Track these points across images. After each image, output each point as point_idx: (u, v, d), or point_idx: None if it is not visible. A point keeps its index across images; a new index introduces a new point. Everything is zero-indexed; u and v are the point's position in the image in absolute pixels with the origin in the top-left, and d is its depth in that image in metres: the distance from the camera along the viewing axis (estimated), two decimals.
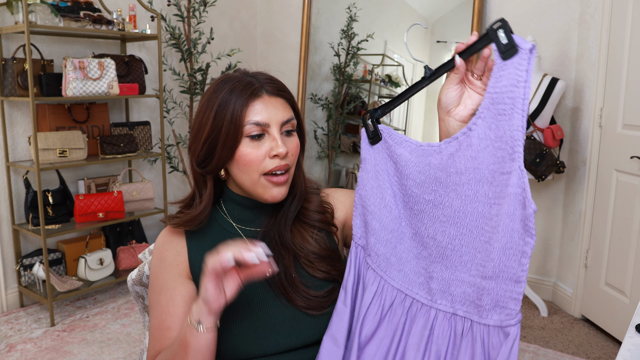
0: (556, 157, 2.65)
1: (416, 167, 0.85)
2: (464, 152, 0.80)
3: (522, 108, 0.73)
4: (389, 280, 0.89)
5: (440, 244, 0.83)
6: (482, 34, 0.79)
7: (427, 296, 0.86)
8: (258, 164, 0.92)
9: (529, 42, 0.75)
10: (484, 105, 0.78)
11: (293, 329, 0.94)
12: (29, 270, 2.74)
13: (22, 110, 2.76)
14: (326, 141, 3.74)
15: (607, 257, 2.51)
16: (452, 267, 0.82)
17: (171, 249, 0.99)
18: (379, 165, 0.91)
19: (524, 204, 0.73)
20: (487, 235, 0.78)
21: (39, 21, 2.47)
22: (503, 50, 0.76)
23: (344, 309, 0.91)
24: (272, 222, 1.00)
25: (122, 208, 2.83)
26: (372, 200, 0.91)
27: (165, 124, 3.33)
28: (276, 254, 0.97)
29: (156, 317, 0.95)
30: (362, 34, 3.55)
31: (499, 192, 0.77)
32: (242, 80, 0.94)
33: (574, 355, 2.38)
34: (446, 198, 0.82)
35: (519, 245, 0.74)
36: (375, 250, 0.90)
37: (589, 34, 2.63)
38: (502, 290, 0.76)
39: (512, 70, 0.75)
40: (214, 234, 1.00)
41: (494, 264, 0.76)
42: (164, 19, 3.09)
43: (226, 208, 1.02)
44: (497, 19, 0.77)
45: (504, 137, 0.75)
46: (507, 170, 0.75)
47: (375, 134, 0.91)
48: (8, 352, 2.35)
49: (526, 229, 0.73)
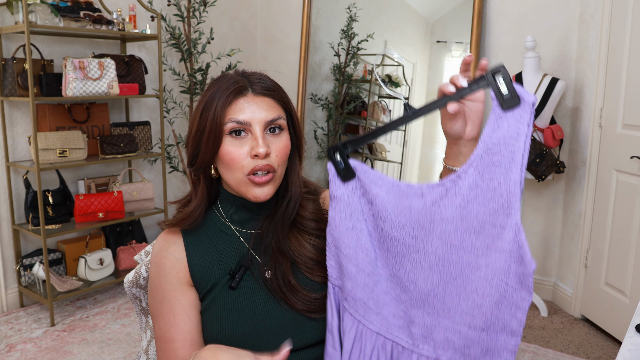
0: (556, 157, 2.65)
1: (395, 209, 0.81)
2: (451, 199, 0.76)
3: (522, 162, 0.71)
4: (367, 325, 0.85)
5: (422, 290, 0.80)
6: (477, 78, 0.75)
7: (408, 340, 0.83)
8: (240, 162, 0.90)
9: (531, 94, 0.72)
10: (476, 154, 0.74)
11: (295, 331, 0.94)
12: (29, 270, 2.74)
13: (22, 110, 2.76)
14: (326, 141, 3.74)
15: (607, 257, 2.51)
16: (434, 314, 0.79)
17: (169, 255, 0.98)
18: (352, 204, 0.85)
19: (522, 261, 0.71)
20: (473, 285, 0.75)
21: (39, 21, 2.47)
22: (503, 99, 0.72)
23: (334, 352, 0.89)
24: (268, 225, 0.98)
25: (122, 208, 2.83)
26: (347, 243, 0.85)
27: (165, 124, 3.33)
28: (274, 260, 0.96)
29: (159, 328, 0.95)
30: (362, 34, 3.55)
31: (488, 243, 0.74)
32: (232, 79, 0.93)
33: (574, 355, 2.38)
34: (429, 244, 0.78)
35: (514, 299, 0.72)
36: (352, 295, 0.86)
37: (589, 34, 2.63)
38: (494, 341, 0.74)
39: (512, 122, 0.72)
40: (212, 236, 1.00)
41: (485, 317, 0.74)
42: (164, 19, 3.09)
43: (222, 209, 1.01)
44: (496, 65, 0.73)
45: (498, 190, 0.72)
46: (500, 224, 0.73)
47: (347, 170, 0.85)
48: (8, 352, 2.35)
49: (523, 285, 0.71)
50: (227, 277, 0.95)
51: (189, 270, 0.97)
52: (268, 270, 0.96)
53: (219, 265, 0.97)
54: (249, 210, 0.99)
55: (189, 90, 3.22)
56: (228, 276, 0.95)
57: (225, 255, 0.98)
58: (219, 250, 0.98)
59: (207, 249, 0.98)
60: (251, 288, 0.95)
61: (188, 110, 3.41)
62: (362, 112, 3.67)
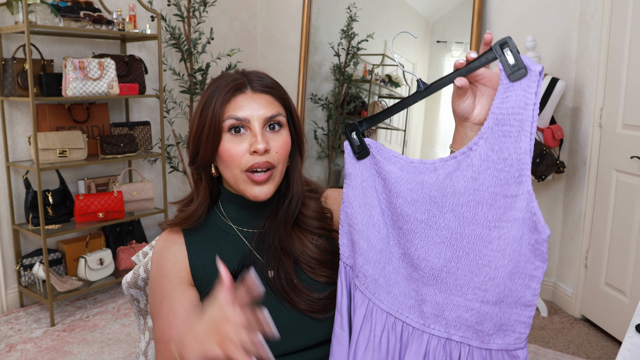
0: (556, 157, 2.65)
1: (407, 185, 0.81)
2: (463, 172, 0.77)
3: (531, 131, 0.72)
4: (378, 303, 0.85)
5: (435, 267, 0.80)
6: (486, 50, 0.76)
7: (419, 320, 0.82)
8: (238, 159, 0.90)
9: (539, 65, 0.73)
10: (487, 126, 0.75)
11: (298, 331, 0.93)
12: (29, 270, 2.74)
13: (22, 110, 2.76)
14: (326, 141, 3.74)
15: (607, 257, 2.51)
16: (447, 291, 0.79)
17: (170, 255, 0.97)
18: (366, 181, 0.86)
19: (535, 229, 0.71)
20: (485, 259, 0.76)
21: (39, 21, 2.47)
22: (510, 71, 0.73)
23: (342, 333, 0.89)
24: (270, 225, 0.98)
25: (122, 208, 2.83)
26: (360, 219, 0.86)
27: (165, 124, 3.33)
28: (277, 259, 0.95)
29: (158, 328, 0.94)
30: (362, 34, 3.55)
31: (500, 214, 0.74)
32: (231, 77, 0.93)
33: (574, 355, 2.38)
34: (441, 219, 0.79)
35: (527, 269, 0.73)
36: (363, 271, 0.86)
37: (589, 34, 2.63)
38: (508, 315, 0.74)
39: (520, 92, 0.73)
40: (213, 236, 0.99)
41: (498, 289, 0.74)
42: (164, 19, 3.09)
43: (224, 209, 1.00)
44: (503, 37, 0.74)
45: (509, 160, 0.73)
46: (511, 194, 0.73)
47: (362, 148, 0.86)
48: (8, 352, 2.35)
49: (537, 253, 0.72)
50: None
51: (190, 270, 0.97)
52: (271, 270, 0.95)
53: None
54: (250, 209, 0.99)
55: (189, 90, 3.22)
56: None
57: (227, 255, 0.97)
58: (220, 250, 0.98)
59: (209, 248, 0.98)
60: None
61: (188, 110, 3.41)
62: (362, 112, 3.67)
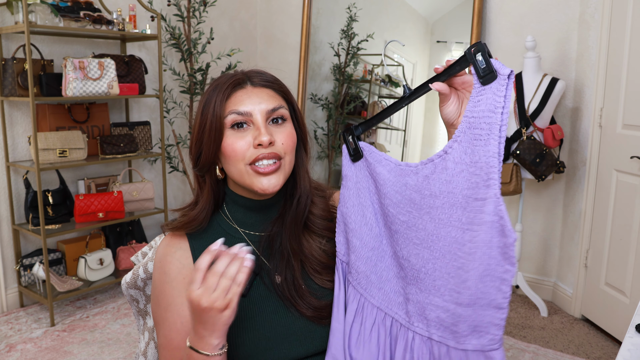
0: (556, 157, 2.65)
1: (393, 187, 0.84)
2: (438, 175, 0.78)
3: (499, 135, 0.72)
4: (369, 298, 0.88)
5: (414, 267, 0.82)
6: (460, 56, 0.78)
7: (405, 317, 0.84)
8: (242, 153, 0.88)
9: (508, 68, 0.73)
10: (460, 129, 0.76)
11: (305, 338, 0.92)
12: (29, 270, 2.74)
13: (22, 110, 2.76)
14: (326, 141, 3.74)
15: (607, 257, 2.51)
16: (426, 291, 0.81)
17: (174, 261, 0.95)
18: (360, 182, 0.89)
19: (502, 232, 0.72)
20: (460, 261, 0.76)
21: (39, 21, 2.47)
22: (482, 74, 0.74)
23: (338, 326, 0.90)
24: (279, 227, 0.96)
25: (122, 208, 2.83)
26: (353, 218, 0.89)
27: (165, 124, 3.33)
28: (284, 263, 0.94)
29: (165, 336, 0.92)
30: (362, 34, 3.55)
31: (472, 217, 0.75)
32: (230, 75, 0.93)
33: (574, 355, 2.38)
34: (420, 220, 0.81)
35: (497, 272, 0.73)
36: (355, 267, 0.89)
37: (589, 34, 2.63)
38: (481, 317, 0.75)
39: (490, 95, 0.74)
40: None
41: (470, 292, 0.75)
42: (164, 19, 3.09)
43: (229, 212, 0.98)
44: (475, 42, 0.76)
45: (479, 163, 0.74)
46: (481, 197, 0.74)
47: (357, 151, 0.90)
48: (8, 352, 2.35)
49: (506, 257, 0.72)
50: None
51: None
52: (278, 276, 0.94)
53: None
54: (257, 212, 0.97)
55: (189, 90, 3.22)
56: None
57: None
58: None
59: None
60: (261, 295, 0.93)
61: (188, 110, 3.41)
62: (362, 112, 3.67)
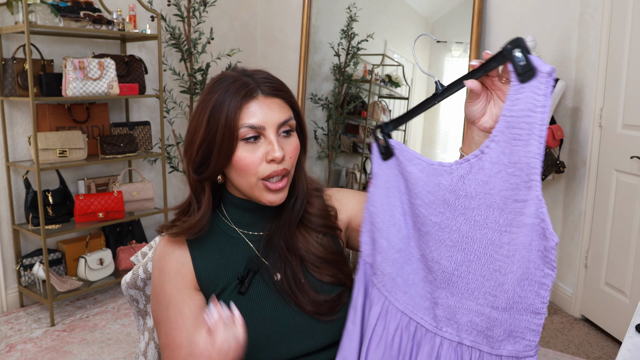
0: (556, 157, 2.65)
1: (425, 187, 0.81)
2: (474, 175, 0.76)
3: (540, 134, 0.70)
4: (394, 302, 0.86)
5: (446, 270, 0.79)
6: (497, 52, 0.75)
7: (432, 322, 0.82)
8: (255, 168, 0.88)
9: (548, 65, 0.70)
10: (498, 129, 0.73)
11: (305, 335, 0.92)
12: (29, 270, 2.74)
13: (22, 110, 2.76)
14: (326, 141, 3.74)
15: (607, 257, 2.51)
16: (459, 295, 0.78)
17: (173, 260, 0.95)
18: (390, 181, 0.87)
19: (543, 235, 0.70)
20: (496, 264, 0.74)
21: (39, 21, 2.47)
22: (520, 72, 0.71)
23: (354, 329, 0.89)
24: (276, 226, 0.97)
25: (122, 208, 2.83)
26: (381, 217, 0.87)
27: (165, 124, 3.33)
28: (283, 260, 0.95)
29: (166, 335, 0.91)
30: (362, 34, 3.55)
31: (510, 219, 0.73)
32: (238, 80, 0.89)
33: (574, 355, 2.38)
34: (454, 222, 0.78)
35: (536, 276, 0.71)
36: (381, 269, 0.87)
37: (589, 34, 2.63)
38: (517, 321, 0.73)
39: (529, 94, 0.71)
40: (217, 240, 0.97)
41: (507, 295, 0.73)
42: (164, 19, 3.09)
43: (227, 212, 0.98)
44: (513, 38, 0.73)
45: (519, 164, 0.71)
46: (521, 199, 0.72)
47: (387, 149, 0.87)
48: (8, 352, 2.35)
49: (546, 260, 0.70)
50: (235, 282, 0.93)
51: (195, 275, 0.94)
52: (277, 273, 0.94)
53: (227, 270, 0.95)
54: (255, 212, 0.97)
55: (189, 90, 3.22)
56: (237, 281, 0.93)
57: (232, 259, 0.96)
58: (225, 254, 0.96)
59: (213, 253, 0.96)
60: (260, 292, 0.93)
61: (188, 110, 3.41)
62: (362, 112, 3.67)
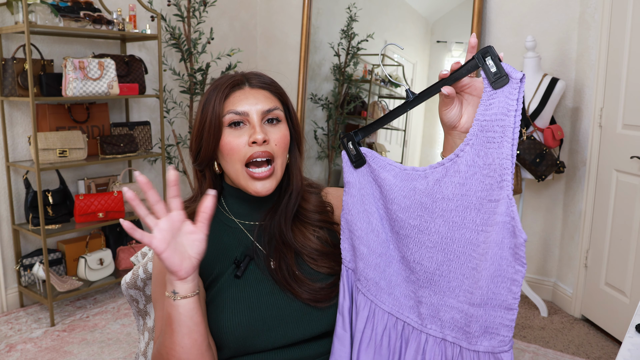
0: (556, 157, 2.65)
1: (401, 192, 0.84)
2: (450, 178, 0.79)
3: (512, 137, 0.74)
4: (380, 304, 0.89)
5: (428, 270, 0.83)
6: (468, 60, 0.79)
7: (417, 320, 0.86)
8: (239, 151, 0.93)
9: (519, 72, 0.75)
10: (472, 132, 0.77)
11: (301, 321, 0.95)
12: (29, 270, 2.74)
13: (22, 110, 2.76)
14: (326, 141, 3.74)
15: (607, 257, 2.51)
16: (440, 293, 0.82)
17: None
18: (364, 189, 0.90)
19: (513, 233, 0.73)
20: (474, 262, 0.78)
21: (39, 21, 2.47)
22: (492, 79, 0.76)
23: (344, 334, 0.91)
24: (271, 218, 1.01)
25: (122, 208, 2.83)
26: (359, 225, 0.90)
27: (165, 124, 3.33)
28: (278, 252, 0.98)
29: (163, 309, 0.94)
30: (362, 34, 3.55)
31: (486, 219, 0.76)
32: (231, 76, 0.99)
33: (574, 355, 2.38)
34: (432, 224, 0.82)
35: (508, 273, 0.74)
36: (364, 274, 0.90)
37: (589, 34, 2.63)
38: (492, 317, 0.76)
39: (502, 99, 0.75)
40: (215, 229, 1.01)
41: (482, 292, 0.76)
42: (164, 19, 3.09)
43: (226, 203, 1.03)
44: (484, 47, 0.77)
45: (493, 165, 0.75)
46: (495, 198, 0.75)
47: (359, 157, 0.90)
48: (8, 352, 2.35)
49: (516, 257, 0.73)
50: (232, 267, 0.97)
51: None
52: (273, 261, 0.97)
53: (224, 256, 0.99)
54: (252, 202, 1.02)
55: (189, 90, 3.22)
56: (233, 266, 0.97)
57: (229, 246, 1.00)
58: (222, 241, 1.00)
59: (211, 239, 0.98)
60: (257, 278, 0.96)
61: (188, 110, 3.41)
62: (362, 112, 3.67)
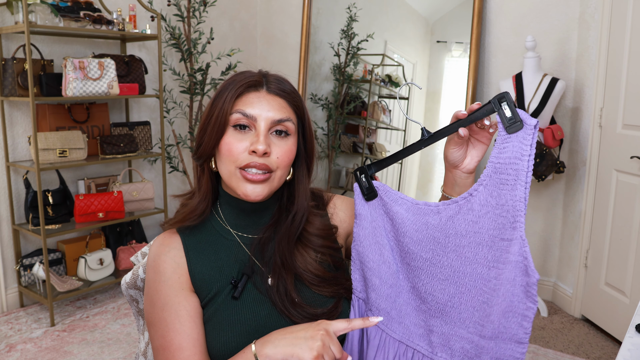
0: (556, 157, 2.65)
1: (413, 225, 0.87)
2: (464, 215, 0.83)
3: (526, 180, 0.77)
4: (390, 333, 0.91)
5: (440, 301, 0.86)
6: (485, 104, 0.82)
7: (427, 348, 0.88)
8: (237, 156, 0.88)
9: (533, 119, 0.78)
10: (486, 173, 0.81)
11: None
12: (29, 270, 2.74)
13: (22, 110, 2.76)
14: (326, 141, 3.74)
15: (607, 257, 2.51)
16: (451, 323, 0.85)
17: (169, 260, 0.94)
18: (375, 221, 0.92)
19: (526, 272, 0.76)
20: (485, 296, 0.81)
21: (39, 21, 2.47)
22: (507, 124, 0.79)
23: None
24: (270, 235, 0.96)
25: (122, 208, 2.83)
26: (371, 257, 0.92)
27: (165, 124, 3.33)
28: (277, 275, 0.93)
29: (162, 337, 0.90)
30: (362, 34, 3.55)
31: (498, 256, 0.79)
32: (252, 74, 0.93)
33: (574, 355, 2.38)
34: (444, 258, 0.85)
35: (520, 309, 0.77)
36: (376, 305, 0.92)
37: (589, 34, 2.63)
38: (503, 350, 0.79)
39: (516, 143, 0.78)
40: (212, 241, 0.97)
41: (493, 326, 0.79)
42: (164, 19, 3.09)
43: (222, 213, 0.98)
44: (500, 93, 0.80)
45: (505, 206, 0.79)
46: (507, 237, 0.79)
47: (371, 190, 0.92)
48: (8, 352, 2.35)
49: (528, 295, 0.76)
50: (229, 287, 0.93)
51: (189, 276, 0.94)
52: (271, 279, 0.93)
53: (221, 273, 0.94)
54: (250, 215, 0.97)
55: (189, 90, 3.21)
56: (230, 285, 0.93)
57: (226, 262, 0.95)
58: (219, 256, 0.95)
59: (208, 255, 0.95)
60: (254, 298, 0.93)
61: (188, 110, 3.41)
62: (362, 112, 3.67)
